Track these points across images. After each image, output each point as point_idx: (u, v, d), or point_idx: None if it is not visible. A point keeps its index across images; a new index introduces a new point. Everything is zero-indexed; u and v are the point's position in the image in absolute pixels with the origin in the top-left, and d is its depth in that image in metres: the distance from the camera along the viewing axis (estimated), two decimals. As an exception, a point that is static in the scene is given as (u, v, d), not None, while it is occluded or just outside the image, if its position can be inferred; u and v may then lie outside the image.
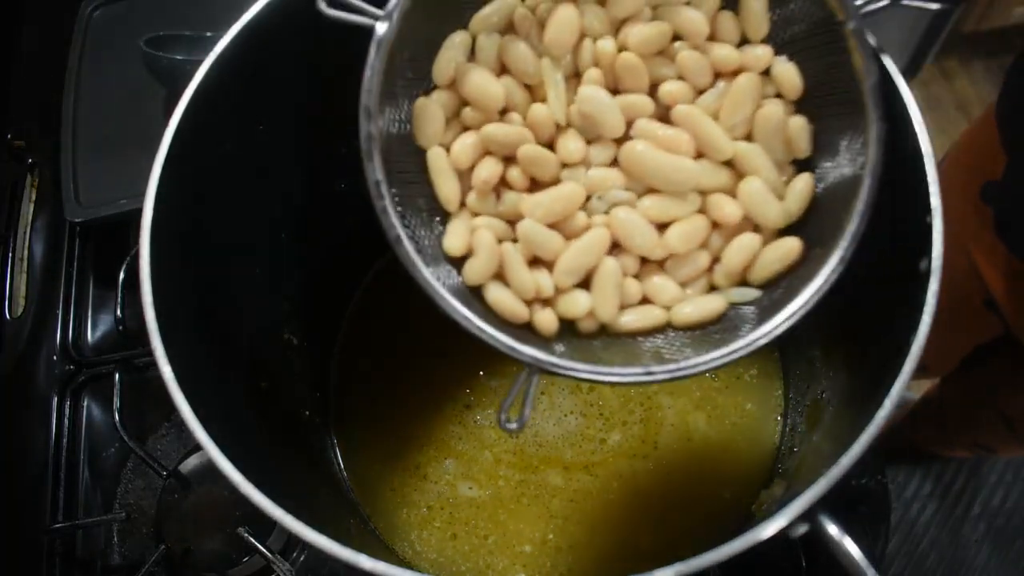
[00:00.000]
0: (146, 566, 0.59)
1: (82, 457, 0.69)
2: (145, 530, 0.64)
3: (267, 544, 0.58)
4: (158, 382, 0.37)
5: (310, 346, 0.60)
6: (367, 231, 0.39)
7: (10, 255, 0.77)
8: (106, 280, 0.75)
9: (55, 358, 0.72)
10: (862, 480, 0.59)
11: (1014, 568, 0.88)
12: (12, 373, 0.72)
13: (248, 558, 0.59)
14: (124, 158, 0.70)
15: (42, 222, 0.79)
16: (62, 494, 0.67)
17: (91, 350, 0.73)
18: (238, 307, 0.50)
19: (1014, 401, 0.74)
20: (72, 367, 0.72)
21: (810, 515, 0.35)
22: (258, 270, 0.52)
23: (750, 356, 0.37)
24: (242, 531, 0.58)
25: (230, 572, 0.59)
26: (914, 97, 0.38)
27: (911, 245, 0.38)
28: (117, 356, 0.70)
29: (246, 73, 0.44)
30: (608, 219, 0.39)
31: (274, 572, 0.59)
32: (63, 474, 0.67)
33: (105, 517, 0.66)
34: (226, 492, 0.60)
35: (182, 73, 0.61)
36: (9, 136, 0.82)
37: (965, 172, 0.62)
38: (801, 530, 0.35)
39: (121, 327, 0.70)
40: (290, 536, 0.59)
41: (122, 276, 0.69)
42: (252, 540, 0.57)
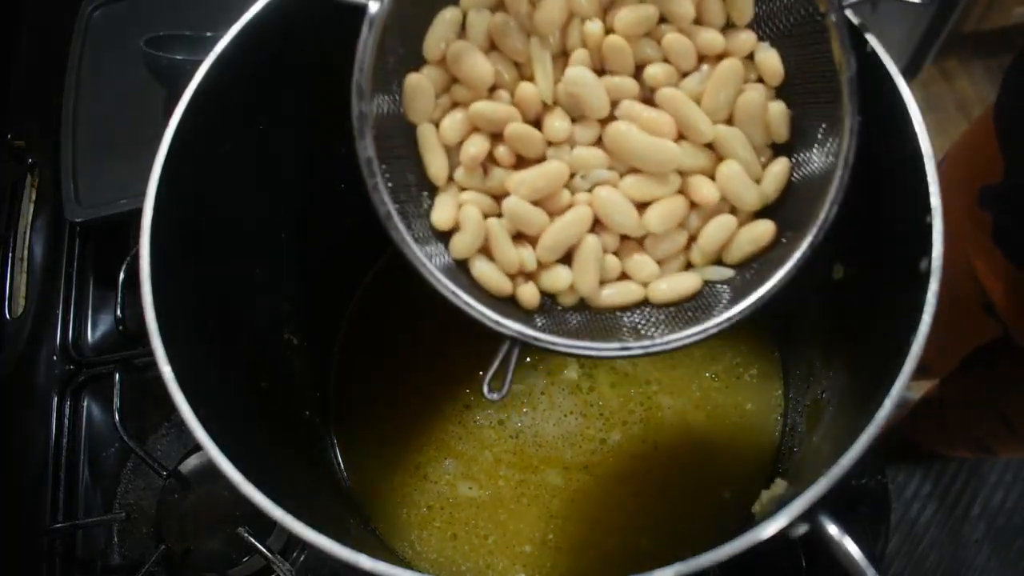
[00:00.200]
0: (146, 566, 0.59)
1: (82, 457, 0.69)
2: (145, 530, 0.64)
3: (267, 544, 0.58)
4: (158, 382, 0.37)
5: (310, 346, 0.60)
6: (367, 231, 0.39)
7: (10, 255, 0.77)
8: (106, 280, 0.75)
9: (55, 358, 0.72)
10: (862, 480, 0.59)
11: (1014, 568, 0.88)
12: (12, 373, 0.72)
13: (248, 558, 0.59)
14: (124, 158, 0.70)
15: (42, 222, 0.79)
16: (62, 494, 0.67)
17: (91, 350, 0.73)
18: (238, 307, 0.50)
19: (1014, 402, 0.74)
20: (72, 367, 0.72)
21: (810, 515, 0.35)
22: (258, 270, 0.52)
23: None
24: (242, 531, 0.58)
25: (230, 572, 0.59)
26: (914, 97, 0.39)
27: (911, 245, 0.38)
28: (117, 356, 0.70)
29: (246, 73, 0.44)
30: (591, 197, 0.41)
31: (274, 572, 0.59)
32: (63, 474, 0.67)
33: (105, 517, 0.66)
34: (226, 492, 0.60)
35: (182, 73, 0.61)
36: (9, 136, 0.82)
37: (963, 174, 0.62)
38: (801, 530, 0.35)
39: (121, 327, 0.70)
40: (290, 536, 0.59)
41: (122, 276, 0.69)
42: (252, 540, 0.57)
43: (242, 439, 0.39)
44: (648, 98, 0.41)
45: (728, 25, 0.41)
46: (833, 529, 0.35)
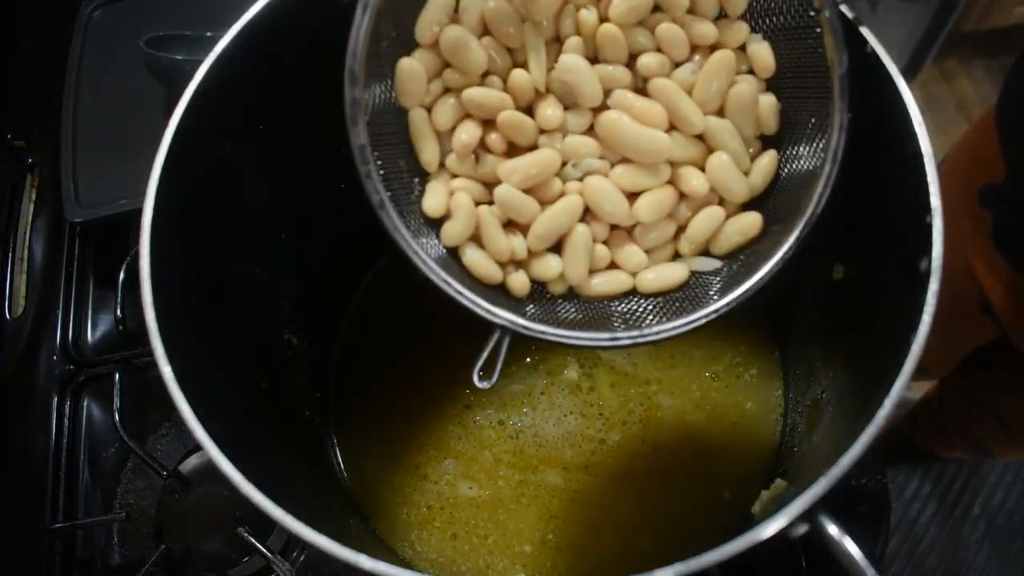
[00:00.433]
0: (146, 566, 0.59)
1: (82, 457, 0.69)
2: (145, 530, 0.64)
3: (267, 544, 0.58)
4: (158, 382, 0.37)
5: (310, 346, 0.60)
6: (367, 231, 0.39)
7: (10, 255, 0.77)
8: (106, 280, 0.75)
9: (55, 358, 0.72)
10: (862, 480, 0.59)
11: (1014, 568, 0.88)
12: (12, 373, 0.72)
13: (248, 558, 0.59)
14: (124, 158, 0.70)
15: (42, 222, 0.79)
16: (62, 494, 0.67)
17: (91, 350, 0.73)
18: (238, 307, 0.50)
19: (1011, 404, 0.74)
20: (72, 367, 0.72)
21: (810, 515, 0.35)
22: (258, 270, 0.52)
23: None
24: (242, 531, 0.58)
25: (230, 572, 0.59)
26: (914, 97, 0.39)
27: (911, 245, 0.38)
28: (117, 356, 0.70)
29: (246, 73, 0.44)
30: (582, 186, 0.41)
31: (274, 572, 0.59)
32: (63, 474, 0.67)
33: (105, 517, 0.66)
34: (226, 492, 0.60)
35: (182, 73, 0.60)
36: (9, 136, 0.82)
37: (963, 175, 0.62)
38: (801, 530, 0.35)
39: (121, 327, 0.70)
40: (290, 536, 0.59)
41: (122, 276, 0.69)
42: (252, 540, 0.57)
43: (242, 439, 0.39)
44: (640, 87, 0.41)
45: (721, 15, 0.41)
46: (833, 529, 0.35)
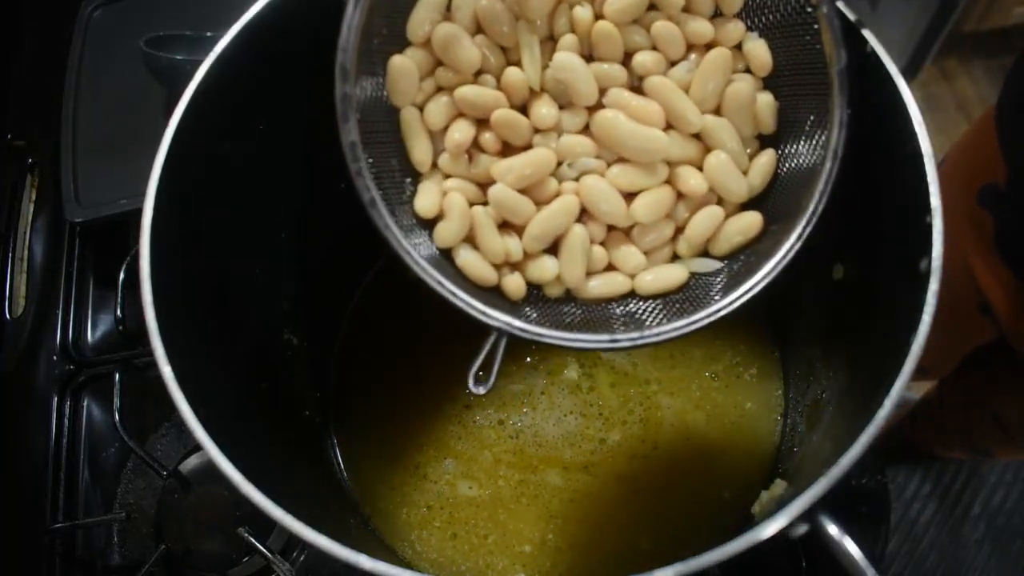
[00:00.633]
0: (146, 566, 0.59)
1: (82, 457, 0.69)
2: (145, 530, 0.64)
3: (267, 544, 0.58)
4: (158, 382, 0.37)
5: (310, 346, 0.60)
6: (367, 231, 0.39)
7: (10, 255, 0.77)
8: (106, 280, 0.75)
9: (55, 358, 0.72)
10: (862, 480, 0.59)
11: (1014, 568, 0.88)
12: (12, 373, 0.72)
13: (248, 558, 0.59)
14: (124, 158, 0.70)
15: (42, 222, 0.79)
16: (62, 494, 0.67)
17: (91, 350, 0.73)
18: (238, 307, 0.50)
19: (1010, 405, 0.74)
20: (72, 367, 0.72)
21: (810, 515, 0.35)
22: (258, 270, 0.52)
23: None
24: (242, 531, 0.58)
25: (230, 572, 0.59)
26: (914, 97, 0.39)
27: (911, 245, 0.38)
28: (117, 356, 0.70)
29: (246, 73, 0.44)
30: (578, 186, 0.40)
31: (274, 572, 0.59)
32: (63, 474, 0.67)
33: (105, 517, 0.66)
34: (226, 492, 0.60)
35: (182, 73, 0.61)
36: (9, 136, 0.82)
37: (963, 175, 0.62)
38: (801, 530, 0.35)
39: (121, 327, 0.70)
40: (290, 536, 0.59)
41: (122, 276, 0.69)
42: (252, 540, 0.57)
43: (242, 439, 0.39)
44: (636, 86, 0.41)
45: (717, 14, 0.41)
46: (833, 529, 0.35)
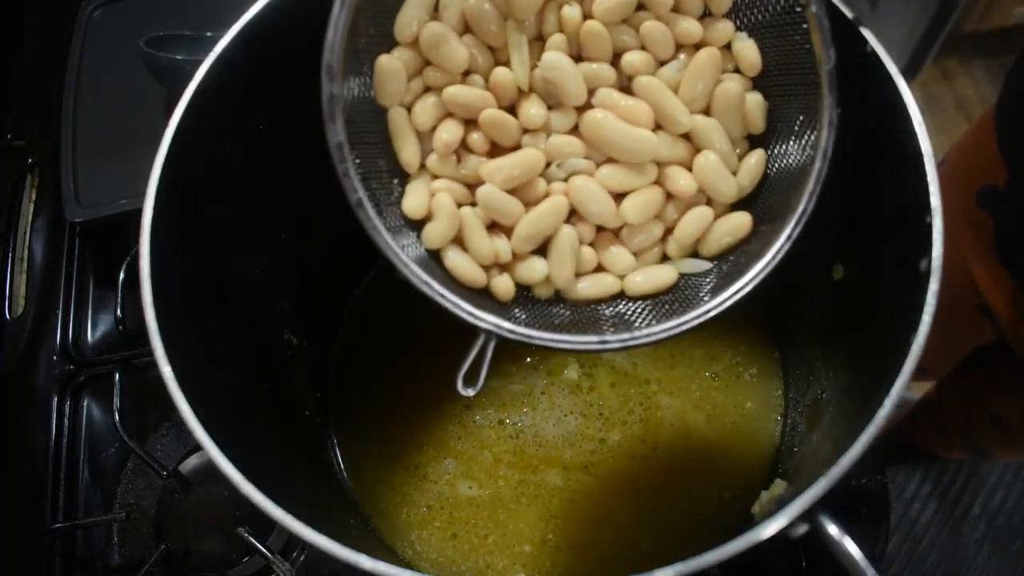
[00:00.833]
0: (146, 566, 0.59)
1: (82, 457, 0.69)
2: (145, 530, 0.64)
3: (267, 544, 0.58)
4: (158, 382, 0.37)
5: (310, 346, 0.60)
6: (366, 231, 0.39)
7: (10, 255, 0.77)
8: (106, 280, 0.75)
9: (55, 358, 0.72)
10: (862, 480, 0.59)
11: (1014, 568, 0.88)
12: (12, 373, 0.72)
13: (248, 558, 0.59)
14: (124, 158, 0.70)
15: (42, 222, 0.79)
16: (62, 494, 0.67)
17: (91, 350, 0.73)
18: (238, 307, 0.50)
19: (1009, 405, 0.74)
20: (72, 367, 0.72)
21: (810, 515, 0.35)
22: (258, 270, 0.52)
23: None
24: (242, 531, 0.58)
25: (230, 572, 0.59)
26: (914, 97, 0.39)
27: (911, 245, 0.38)
28: (117, 356, 0.70)
29: (246, 73, 0.44)
30: (567, 187, 0.40)
31: (274, 572, 0.59)
32: (63, 474, 0.67)
33: (105, 517, 0.66)
34: (226, 492, 0.60)
35: (182, 73, 0.61)
36: (9, 136, 0.82)
37: (963, 175, 0.62)
38: (801, 530, 0.35)
39: (121, 327, 0.70)
40: (290, 536, 0.59)
41: (122, 276, 0.70)
42: (252, 540, 0.57)
43: (242, 439, 0.39)
44: (625, 86, 0.41)
45: (706, 14, 0.41)
46: (833, 529, 0.35)
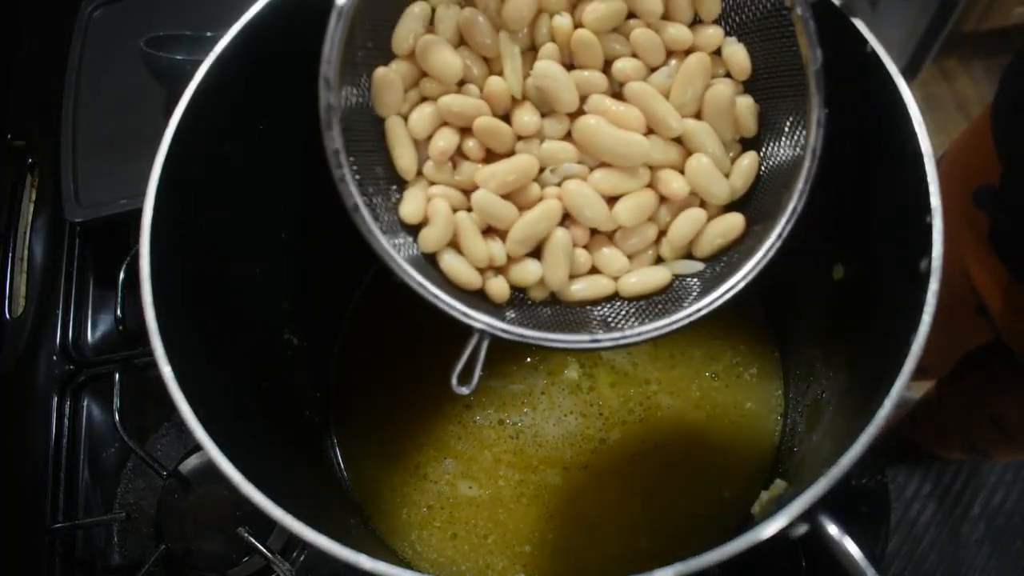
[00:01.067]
0: (146, 566, 0.59)
1: (82, 457, 0.69)
2: (145, 530, 0.64)
3: (267, 544, 0.58)
4: (158, 382, 0.37)
5: (310, 346, 0.60)
6: (367, 231, 0.39)
7: (10, 255, 0.77)
8: (106, 280, 0.75)
9: (55, 358, 0.72)
10: (862, 480, 0.59)
11: (1014, 568, 0.88)
12: (12, 373, 0.72)
13: (248, 558, 0.59)
14: (124, 158, 0.70)
15: (42, 222, 0.79)
16: (62, 494, 0.67)
17: (91, 350, 0.73)
18: (238, 307, 0.50)
19: (1008, 405, 0.74)
20: (72, 367, 0.72)
21: (810, 515, 0.35)
22: (258, 270, 0.52)
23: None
24: (242, 531, 0.58)
25: (230, 572, 0.59)
26: (914, 97, 0.39)
27: (911, 245, 0.38)
28: (117, 356, 0.70)
29: (246, 73, 0.44)
30: (560, 191, 0.41)
31: (274, 572, 0.59)
32: (63, 474, 0.67)
33: (105, 517, 0.66)
34: (226, 492, 0.60)
35: (182, 73, 0.61)
36: (9, 136, 0.82)
37: (961, 175, 0.62)
38: (801, 530, 0.35)
39: (121, 327, 0.70)
40: (290, 536, 0.59)
41: (122, 276, 0.70)
42: (252, 540, 0.57)
43: (242, 439, 0.39)
44: (617, 93, 0.42)
45: (696, 21, 0.42)
46: (833, 529, 0.35)
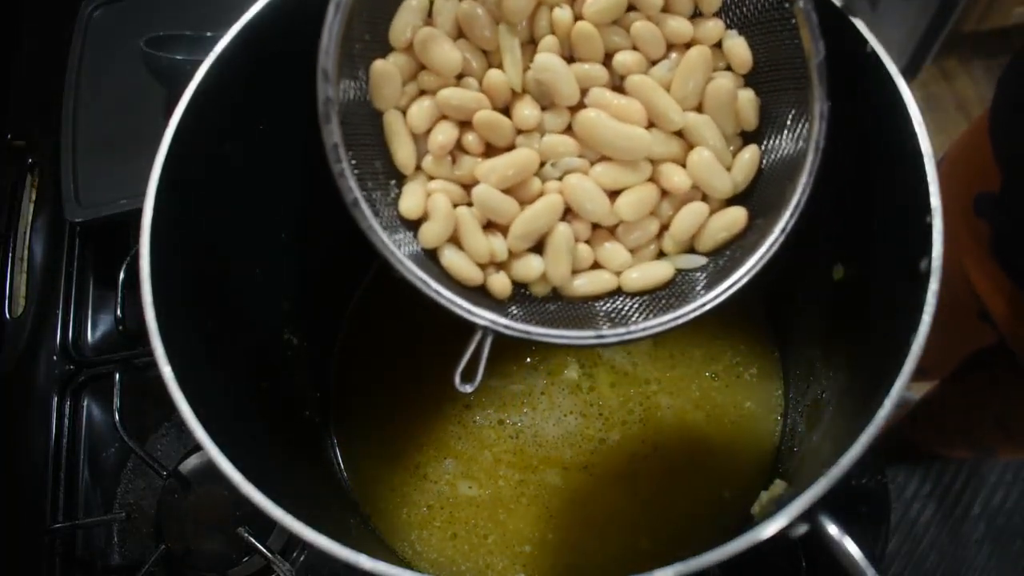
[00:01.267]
0: (146, 566, 0.59)
1: (82, 457, 0.69)
2: (145, 530, 0.64)
3: (267, 544, 0.58)
4: (158, 382, 0.37)
5: (310, 346, 0.60)
6: (367, 231, 0.39)
7: (10, 255, 0.77)
8: (106, 280, 0.75)
9: (55, 358, 0.72)
10: (862, 480, 0.59)
11: (1014, 568, 0.88)
12: (12, 373, 0.72)
13: (248, 558, 0.59)
14: (124, 158, 0.70)
15: (42, 222, 0.79)
16: (62, 494, 0.67)
17: (91, 350, 0.73)
18: (238, 307, 0.50)
19: (1012, 406, 0.74)
20: (72, 367, 0.72)
21: (810, 515, 0.35)
22: (258, 270, 0.52)
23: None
24: (242, 531, 0.58)
25: (230, 572, 0.59)
26: (914, 97, 0.39)
27: (911, 245, 0.38)
28: (117, 356, 0.70)
29: (246, 73, 0.44)
30: (561, 185, 0.41)
31: (274, 572, 0.59)
32: (63, 474, 0.67)
33: (105, 517, 0.66)
34: (226, 492, 0.60)
35: (182, 73, 0.61)
36: (9, 136, 0.82)
37: (961, 175, 0.62)
38: (801, 530, 0.35)
39: (121, 327, 0.70)
40: (290, 536, 0.59)
41: (122, 276, 0.70)
42: (252, 540, 0.57)
43: (242, 439, 0.39)
44: (618, 86, 0.41)
45: (696, 13, 0.41)
46: (833, 529, 0.35)
